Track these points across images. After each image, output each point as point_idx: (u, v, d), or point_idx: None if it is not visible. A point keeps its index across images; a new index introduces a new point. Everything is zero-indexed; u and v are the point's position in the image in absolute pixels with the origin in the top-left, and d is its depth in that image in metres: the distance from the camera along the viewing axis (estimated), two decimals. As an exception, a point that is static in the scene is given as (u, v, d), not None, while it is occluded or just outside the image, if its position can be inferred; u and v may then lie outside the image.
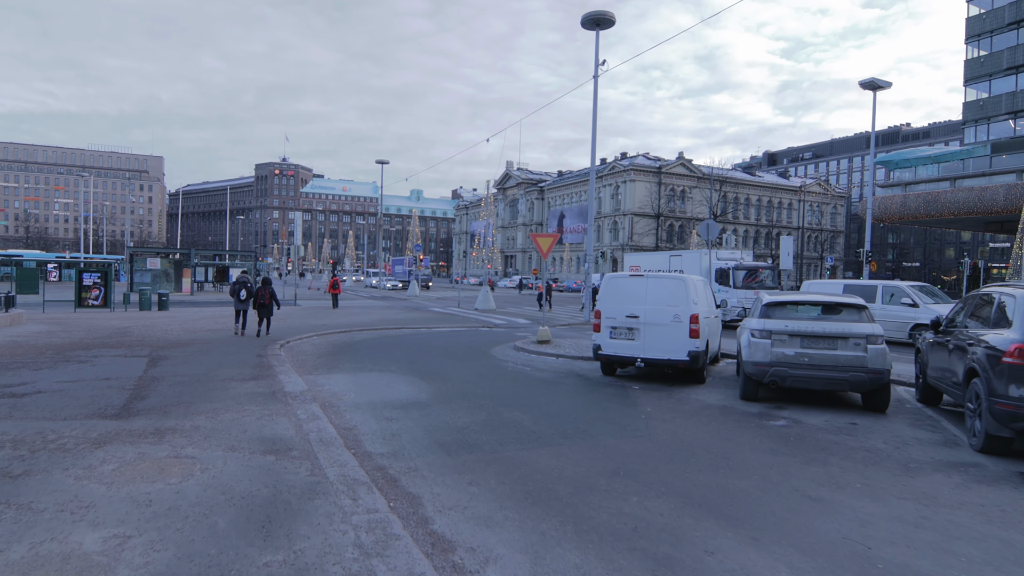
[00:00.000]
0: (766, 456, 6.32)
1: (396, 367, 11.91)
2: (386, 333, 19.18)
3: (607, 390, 10.07)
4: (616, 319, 10.84)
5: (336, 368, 11.65)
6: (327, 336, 17.84)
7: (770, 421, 8.02)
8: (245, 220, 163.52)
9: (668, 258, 26.81)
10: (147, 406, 7.51)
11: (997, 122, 46.92)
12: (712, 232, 18.80)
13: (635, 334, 10.69)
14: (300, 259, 49.34)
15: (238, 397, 8.18)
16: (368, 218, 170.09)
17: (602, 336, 11.00)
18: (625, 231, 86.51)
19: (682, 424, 7.68)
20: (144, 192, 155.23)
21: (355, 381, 10.17)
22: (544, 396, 9.37)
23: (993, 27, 47.37)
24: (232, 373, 10.21)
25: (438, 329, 21.40)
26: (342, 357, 13.27)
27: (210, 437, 6.06)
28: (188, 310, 26.69)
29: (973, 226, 50.55)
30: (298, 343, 15.89)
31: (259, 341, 15.05)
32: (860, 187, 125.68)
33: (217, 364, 11.24)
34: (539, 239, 16.57)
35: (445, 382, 10.31)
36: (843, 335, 8.59)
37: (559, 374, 11.73)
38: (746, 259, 25.06)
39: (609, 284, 11.17)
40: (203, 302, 33.43)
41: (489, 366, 12.56)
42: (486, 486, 5.10)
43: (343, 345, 15.61)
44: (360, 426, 7.07)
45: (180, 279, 42.38)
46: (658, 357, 10.50)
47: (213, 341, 14.90)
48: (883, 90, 32.22)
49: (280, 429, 6.45)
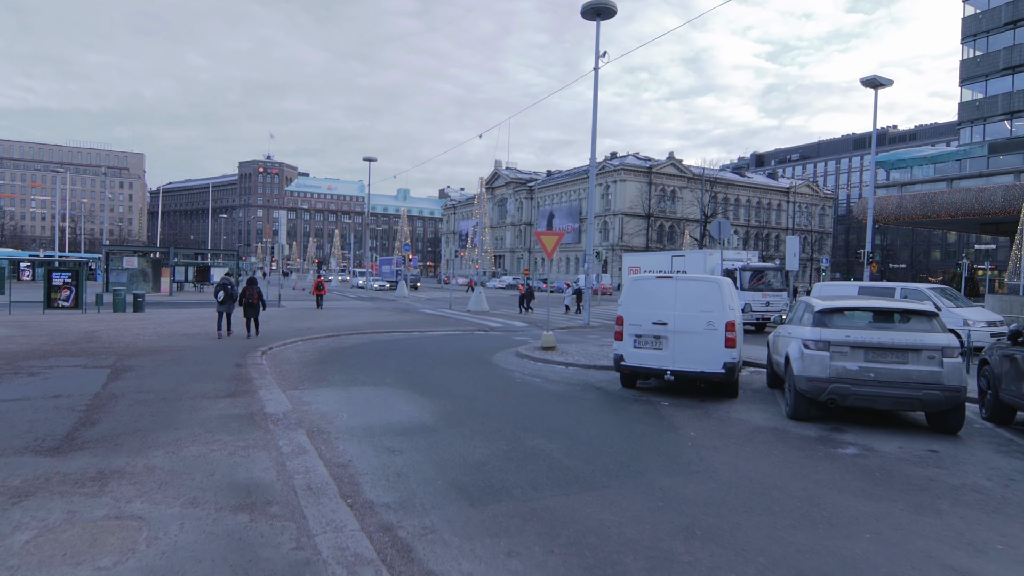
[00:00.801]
0: (860, 501, 5.14)
1: (392, 379, 10.61)
2: (376, 337, 17.86)
3: (634, 407, 8.86)
4: (641, 326, 9.63)
5: (324, 381, 10.33)
6: (313, 341, 16.48)
7: (837, 448, 6.85)
8: (228, 219, 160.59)
9: (670, 258, 25.71)
10: (96, 435, 6.17)
11: (993, 122, 46.45)
12: (724, 231, 17.70)
13: (663, 343, 9.49)
14: (284, 258, 47.66)
15: (209, 421, 6.86)
16: (354, 217, 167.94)
17: (624, 345, 9.79)
18: (615, 231, 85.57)
19: (739, 454, 6.48)
20: (124, 190, 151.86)
21: (347, 398, 8.86)
22: (567, 416, 8.13)
23: (989, 27, 46.92)
24: (205, 388, 8.86)
25: (431, 333, 20.11)
26: (331, 366, 11.94)
27: (167, 484, 4.75)
28: (165, 312, 25.14)
29: (968, 227, 50.16)
30: (282, 349, 14.53)
31: (238, 348, 13.69)
32: (848, 188, 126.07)
33: (189, 376, 9.87)
34: (544, 237, 15.35)
35: (450, 398, 9.04)
36: (914, 347, 7.45)
37: (574, 387, 10.51)
38: (752, 260, 24.04)
39: (633, 287, 9.96)
40: (182, 303, 31.82)
41: (494, 377, 11.31)
42: (531, 558, 3.85)
43: (331, 352, 14.27)
44: (357, 461, 5.78)
45: (158, 279, 40.63)
46: (690, 369, 9.30)
47: (188, 348, 13.50)
48: (884, 88, 31.44)
49: (258, 470, 5.15)
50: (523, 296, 30.10)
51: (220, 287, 16.12)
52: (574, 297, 30.27)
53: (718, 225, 17.80)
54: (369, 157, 52.37)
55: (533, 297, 30.79)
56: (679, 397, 9.67)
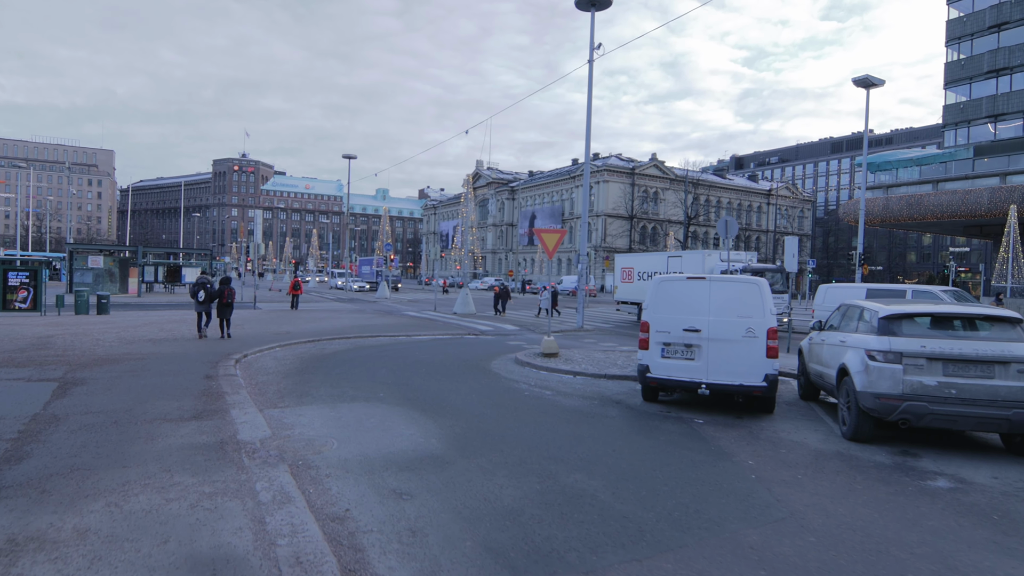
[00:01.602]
0: (1001, 559, 4.05)
1: (385, 392, 9.36)
2: (361, 343, 16.55)
3: (668, 427, 7.73)
4: (670, 333, 8.51)
5: (308, 395, 9.03)
6: (293, 347, 15.12)
7: (925, 480, 5.79)
8: (202, 218, 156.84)
9: (666, 259, 24.73)
10: (20, 476, 4.85)
11: (977, 125, 46.47)
12: (731, 230, 16.72)
13: (695, 352, 8.38)
14: (260, 259, 45.75)
15: (168, 454, 5.56)
16: (332, 217, 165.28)
17: (651, 355, 8.66)
18: (598, 232, 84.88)
19: (818, 491, 5.37)
20: (93, 187, 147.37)
21: (336, 418, 7.59)
22: (596, 440, 6.97)
23: (974, 30, 46.96)
24: (167, 407, 7.53)
25: (419, 337, 18.84)
26: (314, 377, 10.63)
27: (100, 559, 3.46)
28: (132, 314, 23.49)
29: (953, 230, 50.26)
30: (258, 357, 13.16)
31: (209, 356, 12.30)
32: (826, 191, 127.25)
33: (150, 391, 8.51)
34: (545, 235, 14.20)
35: (455, 417, 7.82)
36: (1002, 359, 6.43)
37: (590, 401, 9.36)
38: (752, 262, 23.17)
39: (660, 289, 8.83)
40: (151, 305, 30.07)
41: (500, 389, 10.11)
42: None
43: (313, 359, 12.95)
44: (356, 511, 4.54)
45: (126, 279, 38.65)
46: (728, 383, 8.21)
47: (153, 356, 12.07)
48: (876, 87, 30.94)
49: (228, 531, 3.89)
50: (497, 297, 28.52)
51: (200, 286, 15.67)
52: (550, 300, 28.60)
53: (724, 224, 16.82)
54: (349, 155, 50.87)
55: (508, 298, 29.15)
56: (711, 413, 8.57)
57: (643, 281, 26.06)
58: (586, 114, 22.45)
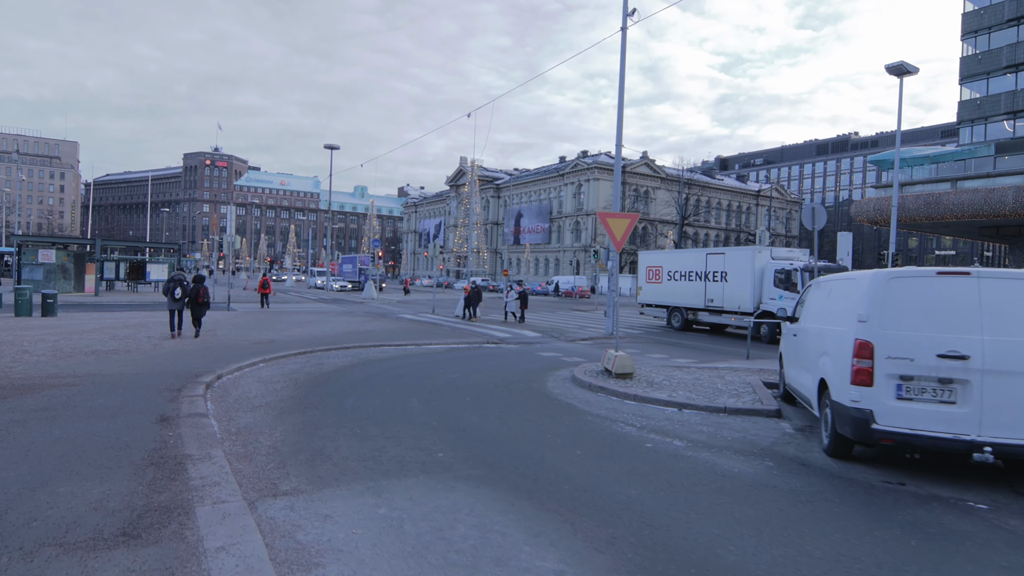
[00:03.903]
0: None
1: (443, 447, 6.09)
2: (364, 354, 13.22)
3: (936, 522, 4.60)
4: (914, 361, 5.37)
5: (325, 458, 5.68)
6: (280, 362, 11.73)
7: None
8: (171, 214, 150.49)
9: (705, 257, 21.68)
10: None
11: (995, 122, 44.53)
12: (819, 218, 13.75)
13: (960, 392, 5.26)
14: (234, 254, 41.70)
15: None
16: (309, 214, 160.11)
17: (878, 392, 5.49)
18: (588, 232, 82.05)
19: None
20: (55, 180, 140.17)
21: (393, 527, 4.24)
22: (859, 565, 3.79)
23: (991, 23, 45.06)
24: (78, 503, 4.17)
25: (431, 347, 15.59)
26: (324, 417, 7.29)
27: None
28: (82, 317, 19.77)
29: (967, 231, 48.27)
30: (236, 378, 9.75)
31: (169, 377, 8.86)
32: (811, 193, 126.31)
33: (60, 456, 5.13)
34: (611, 220, 11.00)
35: (590, 507, 4.59)
36: None
37: (744, 457, 6.19)
38: (802, 260, 20.26)
39: (892, 291, 5.62)
40: (109, 305, 26.21)
41: (601, 436, 6.89)
42: None
43: (312, 382, 9.58)
44: None
45: (83, 276, 34.53)
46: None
47: (90, 379, 8.61)
48: (911, 75, 28.46)
49: None
50: (468, 299, 24.11)
51: (176, 283, 14.63)
52: (518, 302, 23.90)
53: (811, 211, 13.83)
54: (331, 145, 47.18)
55: (480, 300, 24.47)
56: (967, 484, 5.46)
57: (675, 282, 23.03)
58: (619, 84, 19.39)
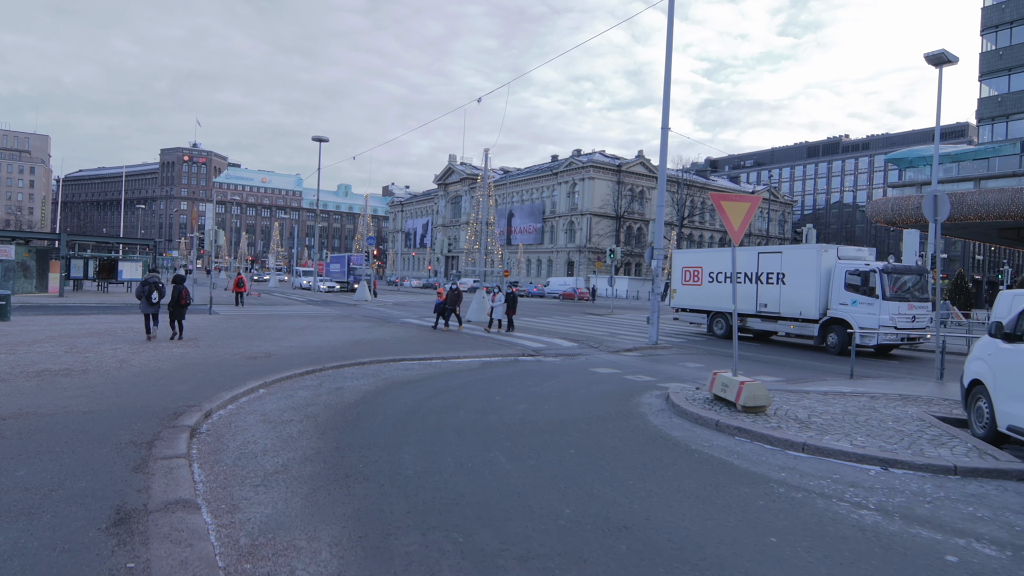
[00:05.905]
0: None
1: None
2: (386, 372, 10.57)
3: None
4: None
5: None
6: (286, 385, 9.04)
7: None
8: (147, 211, 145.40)
9: (756, 256, 19.27)
10: None
11: (1017, 120, 42.92)
12: (942, 208, 11.44)
13: None
14: (216, 250, 38.22)
15: None
16: (291, 212, 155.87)
17: None
18: (583, 232, 79.76)
19: None
20: (24, 175, 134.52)
21: None
22: None
23: (1013, 18, 43.45)
24: None
25: (459, 360, 13.05)
26: (390, 508, 4.68)
27: None
28: (40, 321, 16.83)
29: (986, 233, 46.66)
30: (232, 419, 7.07)
31: (142, 411, 6.19)
32: (802, 195, 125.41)
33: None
34: (726, 204, 8.52)
35: None
36: None
37: None
38: (870, 261, 17.92)
39: None
40: (73, 307, 23.16)
41: (824, 527, 4.38)
42: None
43: (340, 423, 6.94)
44: None
45: (46, 275, 31.29)
46: None
47: (23, 420, 5.89)
48: (951, 64, 26.43)
49: None
50: (443, 303, 20.12)
51: (152, 286, 13.90)
52: (504, 306, 20.33)
53: (932, 199, 11.53)
54: (320, 137, 44.16)
55: (460, 302, 20.41)
56: None
57: (719, 284, 20.62)
58: (666, 51, 16.88)
